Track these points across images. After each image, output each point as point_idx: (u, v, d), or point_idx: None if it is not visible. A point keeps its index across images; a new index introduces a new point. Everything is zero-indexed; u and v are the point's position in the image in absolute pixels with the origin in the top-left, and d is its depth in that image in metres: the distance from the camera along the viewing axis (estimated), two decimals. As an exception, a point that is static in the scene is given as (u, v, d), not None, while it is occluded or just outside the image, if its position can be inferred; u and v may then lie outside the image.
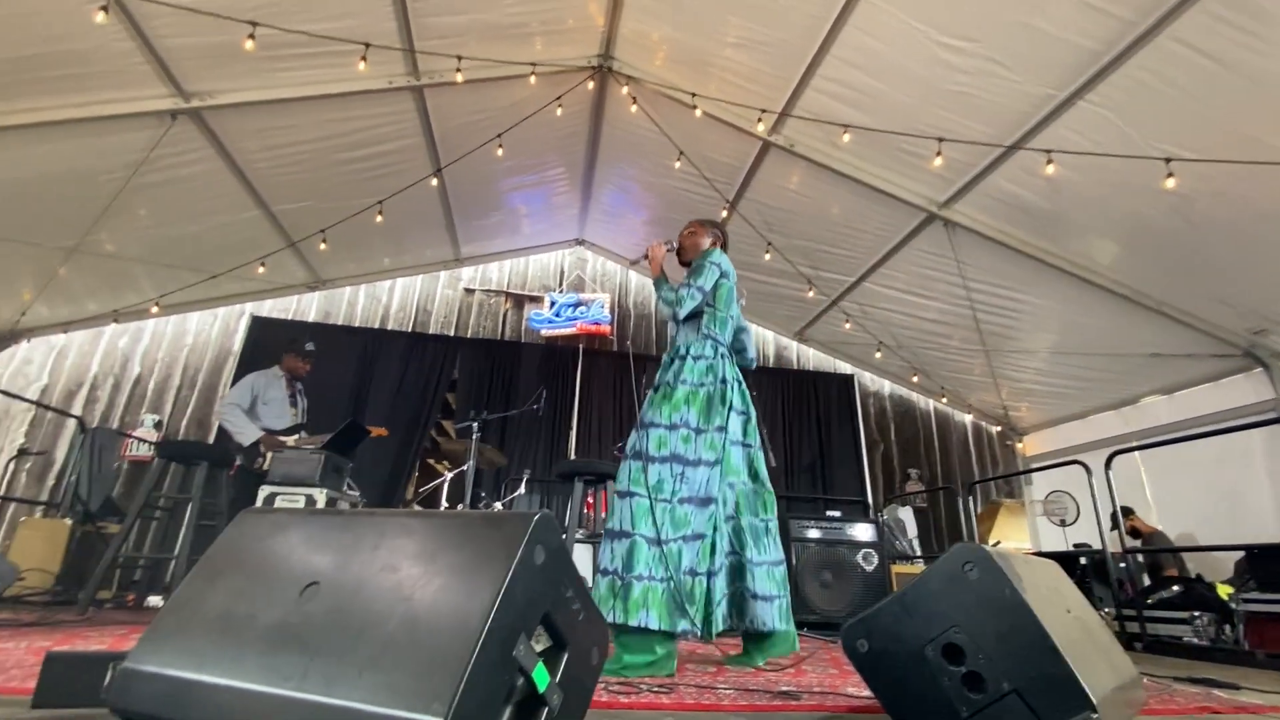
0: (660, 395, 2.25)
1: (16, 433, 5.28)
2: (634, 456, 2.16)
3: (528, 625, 0.76)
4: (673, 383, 2.25)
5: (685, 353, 2.30)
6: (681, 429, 2.15)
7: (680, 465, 2.11)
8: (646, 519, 2.03)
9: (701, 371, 2.26)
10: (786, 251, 5.57)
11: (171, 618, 0.91)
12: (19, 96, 3.48)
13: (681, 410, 2.17)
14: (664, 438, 2.14)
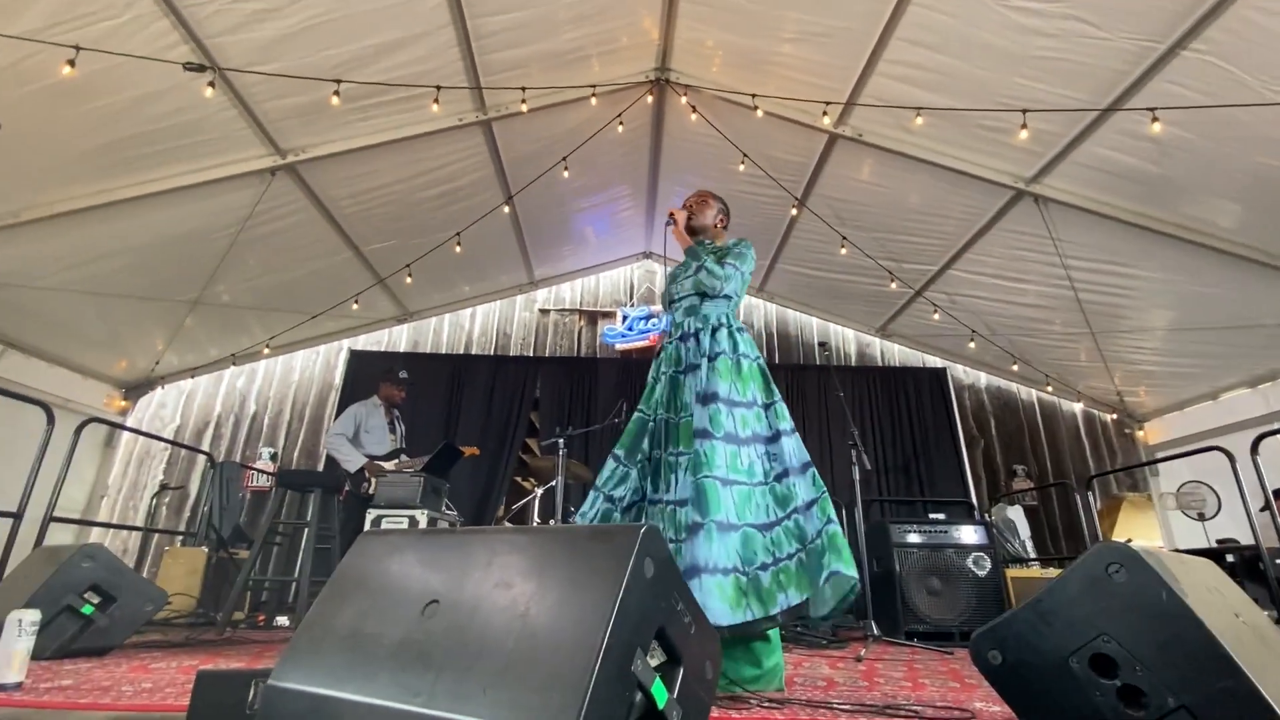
0: (724, 365, 2.13)
1: (157, 470, 5.87)
2: (735, 440, 2.01)
3: (642, 640, 0.75)
4: (730, 352, 2.18)
5: (728, 323, 2.27)
6: (756, 407, 2.11)
7: (762, 444, 2.07)
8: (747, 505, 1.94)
9: (752, 344, 2.26)
10: (863, 245, 5.37)
11: (306, 637, 0.96)
12: (145, 170, 3.90)
13: (749, 384, 2.13)
14: (746, 417, 2.07)
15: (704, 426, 2.00)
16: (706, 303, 2.30)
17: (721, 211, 2.63)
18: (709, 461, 1.93)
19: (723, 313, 2.28)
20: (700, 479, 1.91)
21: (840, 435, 5.99)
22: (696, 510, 1.87)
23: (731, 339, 2.21)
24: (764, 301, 6.93)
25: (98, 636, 2.32)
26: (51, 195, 3.80)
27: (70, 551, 2.32)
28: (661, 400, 2.23)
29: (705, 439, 1.98)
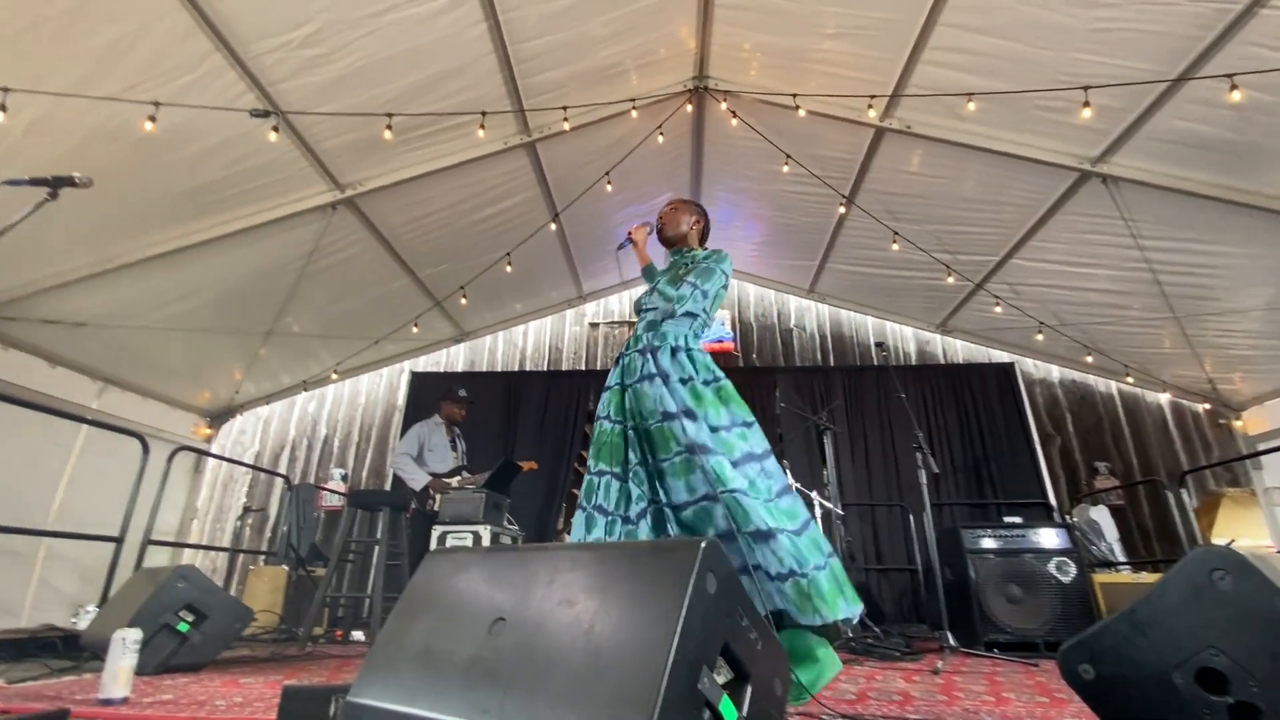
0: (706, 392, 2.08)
1: (240, 493, 6.22)
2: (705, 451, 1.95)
3: (709, 657, 0.74)
4: (696, 376, 2.11)
5: (688, 345, 2.18)
6: (738, 428, 2.04)
7: (756, 463, 1.99)
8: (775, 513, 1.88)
9: (712, 366, 2.17)
10: (917, 239, 5.20)
11: (381, 654, 1.00)
12: (220, 212, 4.18)
13: (729, 406, 2.07)
14: (732, 441, 2.01)
15: (704, 442, 1.96)
16: (668, 320, 2.23)
17: (698, 218, 2.54)
18: (721, 478, 1.89)
19: (683, 333, 2.20)
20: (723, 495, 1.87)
21: (904, 439, 5.78)
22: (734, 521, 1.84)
23: (693, 362, 2.14)
24: (815, 303, 6.79)
25: (193, 653, 2.46)
26: (139, 241, 4.11)
27: (166, 573, 2.48)
28: (631, 410, 2.17)
29: (708, 454, 1.94)
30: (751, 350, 6.66)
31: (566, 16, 3.86)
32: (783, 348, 6.65)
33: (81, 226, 3.79)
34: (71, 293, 4.18)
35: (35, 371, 4.53)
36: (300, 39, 3.40)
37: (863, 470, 5.79)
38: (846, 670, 2.53)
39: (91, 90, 3.13)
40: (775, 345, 6.69)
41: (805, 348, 6.62)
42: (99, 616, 2.72)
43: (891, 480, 5.75)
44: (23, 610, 4.37)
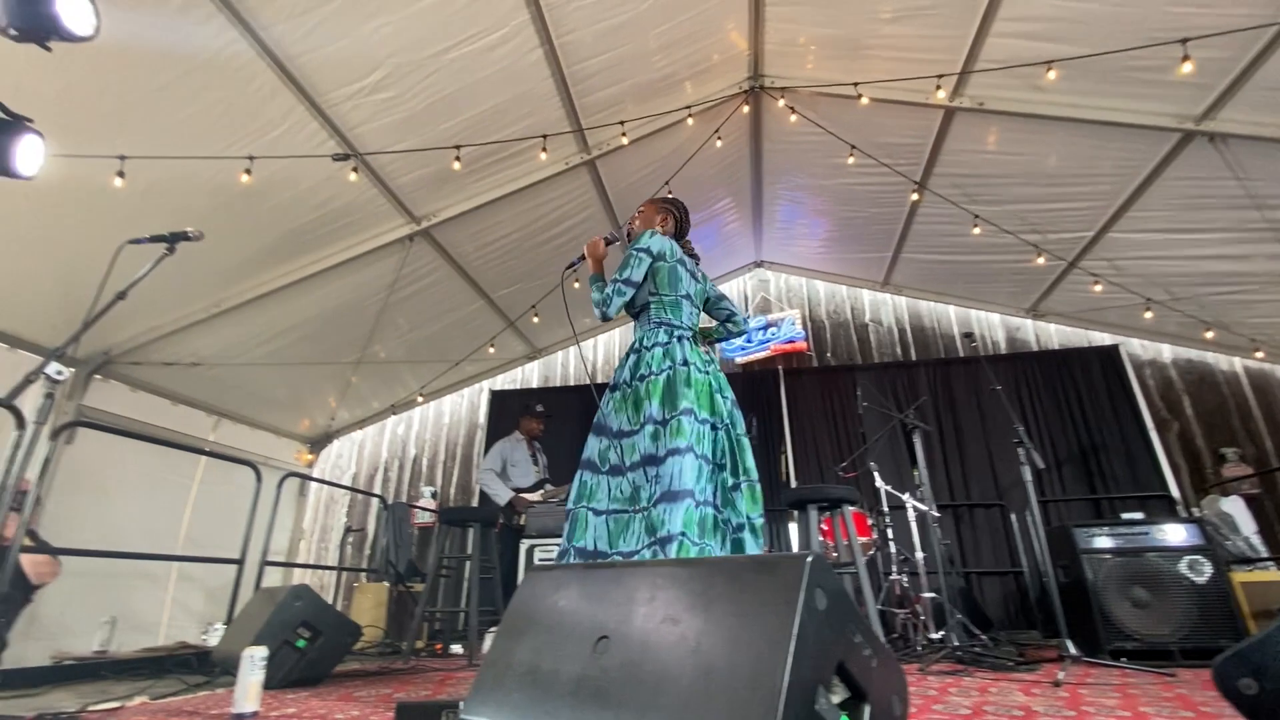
0: (620, 397, 2.12)
1: (341, 514, 6.61)
2: (586, 467, 2.09)
3: (824, 677, 0.71)
4: (630, 380, 2.11)
5: (639, 345, 2.17)
6: (649, 425, 1.98)
7: (653, 467, 1.92)
8: (583, 532, 1.93)
9: (659, 359, 2.08)
10: (999, 220, 4.91)
11: (490, 672, 1.02)
12: (309, 252, 4.48)
13: (645, 406, 2.01)
14: (635, 444, 2.01)
15: (591, 458, 2.10)
16: (637, 324, 2.28)
17: (665, 216, 2.49)
18: (587, 493, 2.04)
19: (641, 334, 2.22)
20: (577, 509, 2.02)
21: (1001, 434, 5.43)
22: (565, 538, 2.01)
23: (635, 365, 2.14)
24: (891, 296, 6.52)
25: (310, 667, 2.62)
26: (242, 285, 4.47)
27: (283, 592, 2.66)
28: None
29: (590, 470, 2.10)
30: (826, 349, 6.47)
31: (620, 34, 3.92)
32: (859, 345, 6.42)
33: (193, 276, 4.15)
34: (186, 336, 4.59)
35: (159, 409, 4.99)
36: (372, 85, 3.61)
37: (956, 469, 5.48)
38: (956, 682, 2.39)
39: (196, 151, 3.43)
40: (851, 342, 6.47)
41: (884, 343, 6.37)
42: (226, 634, 2.95)
43: (987, 478, 5.42)
44: (160, 628, 4.80)
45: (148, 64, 3.04)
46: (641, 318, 2.25)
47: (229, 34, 3.09)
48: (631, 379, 2.11)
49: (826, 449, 5.79)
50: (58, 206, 3.37)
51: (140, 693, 2.27)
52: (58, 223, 3.46)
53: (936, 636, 3.17)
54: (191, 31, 3.01)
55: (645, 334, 2.19)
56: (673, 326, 2.19)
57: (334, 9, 3.18)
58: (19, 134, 1.91)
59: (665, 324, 2.19)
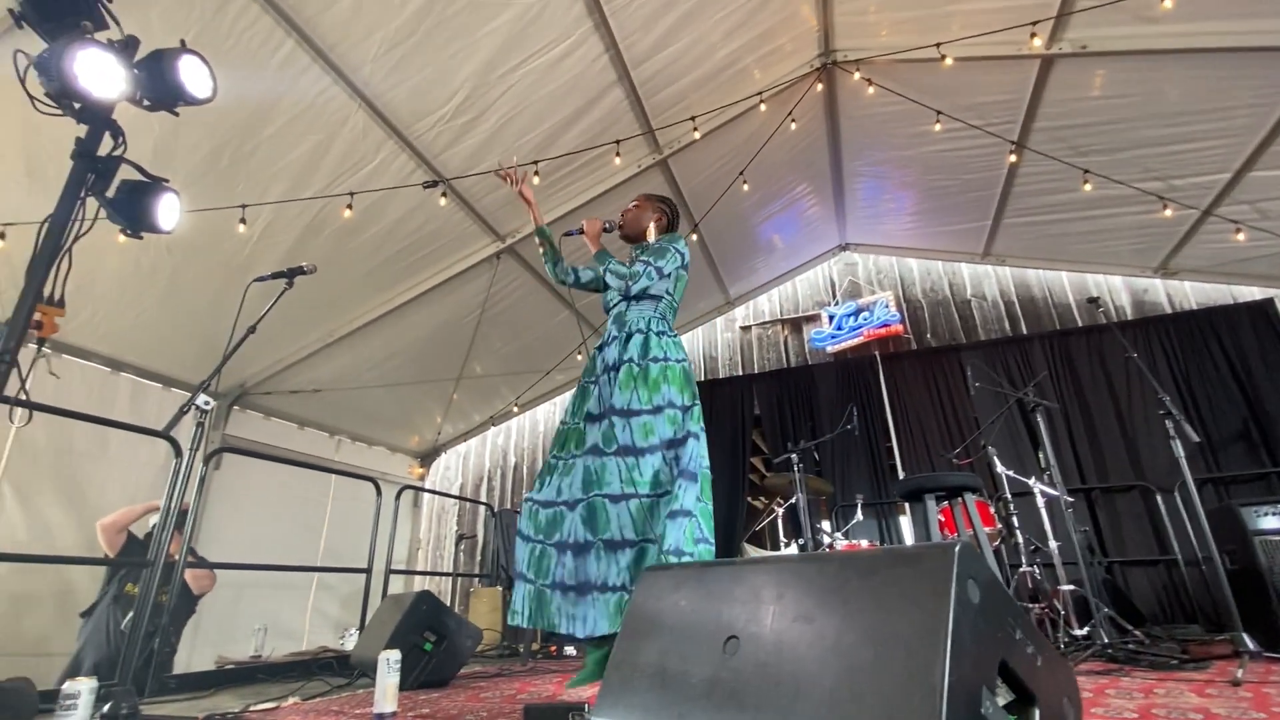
0: (627, 377, 2.07)
1: (451, 523, 6.97)
2: (624, 453, 1.99)
3: (986, 677, 0.65)
4: (640, 359, 2.09)
5: (646, 329, 2.16)
6: (668, 410, 2.02)
7: (671, 450, 1.99)
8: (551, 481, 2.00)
9: (674, 348, 2.15)
10: (1113, 172, 4.46)
11: (616, 675, 1.02)
12: (408, 277, 4.76)
13: (663, 390, 2.04)
14: (649, 423, 2.00)
15: (595, 442, 2.00)
16: (631, 308, 2.25)
17: (660, 214, 2.49)
18: (599, 479, 1.93)
19: (647, 317, 2.22)
20: (591, 497, 1.90)
21: (1141, 408, 4.90)
22: (589, 529, 1.87)
23: (645, 345, 2.13)
24: (993, 267, 6.06)
25: (437, 670, 2.76)
26: (351, 314, 4.81)
27: (409, 598, 2.82)
28: (572, 406, 2.25)
29: (596, 455, 1.97)
30: (925, 330, 6.11)
31: (682, 29, 3.89)
32: (961, 323, 6.02)
33: (308, 309, 4.51)
34: (307, 365, 5.00)
35: (289, 434, 5.47)
36: (452, 111, 3.78)
37: (1085, 449, 5.00)
38: (1112, 683, 2.16)
39: (303, 193, 3.73)
40: (952, 321, 6.07)
41: (989, 319, 5.93)
42: (361, 639, 3.16)
43: (1121, 457, 4.90)
44: (303, 634, 5.25)
45: (257, 117, 3.34)
46: (645, 304, 2.29)
47: (323, 81, 3.33)
48: (642, 358, 2.14)
49: (935, 436, 5.46)
50: (192, 256, 3.76)
51: (292, 694, 2.47)
52: (193, 270, 3.86)
53: (1081, 633, 2.89)
54: (292, 83, 3.27)
55: (652, 320, 2.26)
56: (671, 325, 2.33)
57: (414, 44, 3.36)
58: (159, 194, 2.13)
59: (669, 320, 2.32)
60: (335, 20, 3.13)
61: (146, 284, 3.83)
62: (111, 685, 2.07)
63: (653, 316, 2.26)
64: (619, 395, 2.07)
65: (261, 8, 2.93)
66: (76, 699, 1.64)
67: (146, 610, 2.21)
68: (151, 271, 3.77)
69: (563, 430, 2.24)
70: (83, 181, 1.90)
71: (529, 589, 2.05)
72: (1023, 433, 5.13)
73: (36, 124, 1.91)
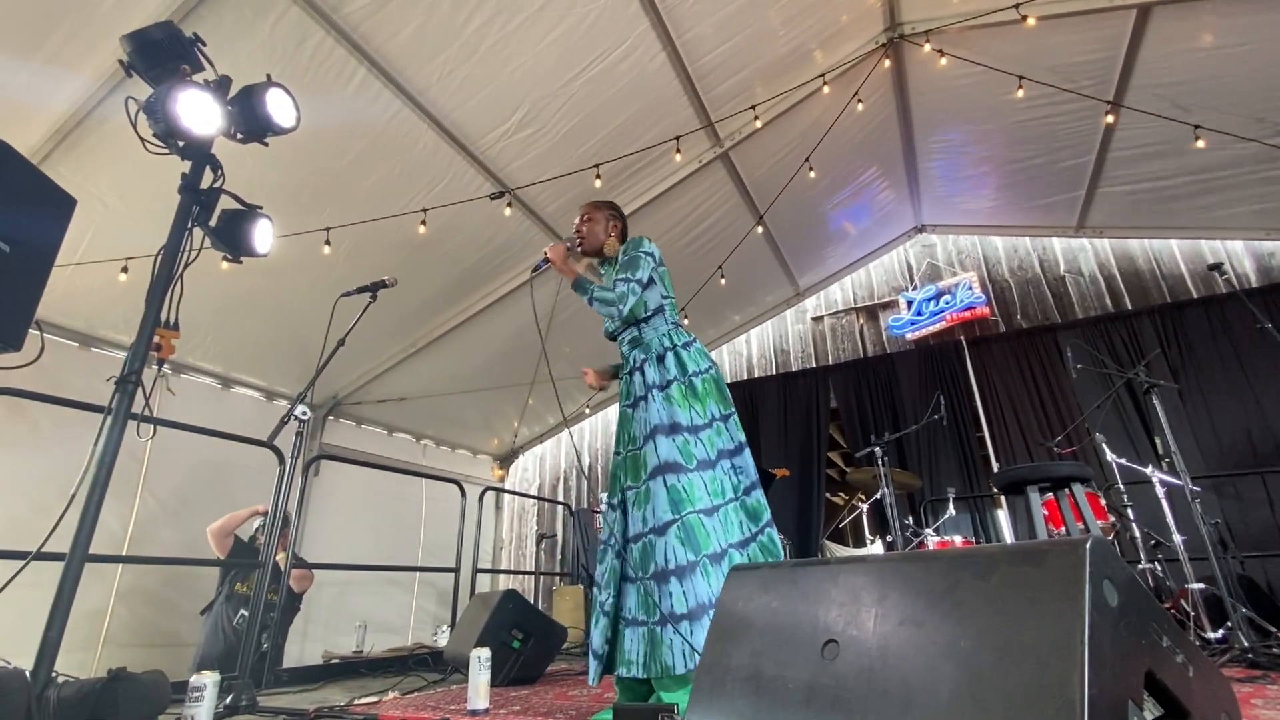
0: (680, 392, 2.04)
1: (531, 522, 7.14)
2: (709, 465, 1.96)
3: (1131, 690, 0.58)
4: (680, 376, 2.06)
5: (672, 343, 2.13)
6: (716, 422, 2.03)
7: (727, 459, 2.00)
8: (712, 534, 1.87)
9: (700, 357, 2.12)
10: (1229, 127, 4.02)
11: (707, 678, 0.99)
12: (480, 287, 4.92)
13: (706, 403, 2.04)
14: (711, 439, 1.99)
15: (674, 459, 1.93)
16: (644, 329, 2.20)
17: (612, 218, 2.39)
18: (689, 497, 1.87)
19: (663, 333, 2.17)
20: (686, 516, 1.85)
21: (1269, 385, 4.40)
22: (689, 549, 1.81)
23: (679, 362, 2.09)
24: (1090, 240, 5.61)
25: (525, 667, 2.82)
26: (430, 324, 5.01)
27: (496, 597, 2.90)
28: (619, 436, 2.18)
29: (680, 473, 1.91)
30: (1014, 312, 5.73)
31: (740, 18, 3.82)
32: (1055, 301, 5.60)
33: (390, 322, 4.73)
34: (392, 375, 5.25)
35: (379, 440, 5.78)
36: (515, 124, 3.86)
37: (1206, 433, 4.54)
38: (1258, 691, 1.94)
39: (381, 212, 3.91)
40: (1045, 299, 5.66)
41: (1087, 295, 5.49)
42: (453, 636, 3.28)
43: (1251, 439, 4.41)
44: (408, 630, 5.51)
45: (337, 144, 3.53)
46: (656, 319, 2.23)
47: (394, 105, 3.48)
48: (685, 374, 2.10)
49: (1031, 423, 5.10)
50: (285, 277, 4.03)
51: (392, 688, 2.59)
52: (286, 290, 4.13)
53: (1216, 635, 2.61)
54: (365, 109, 3.43)
55: (670, 332, 2.21)
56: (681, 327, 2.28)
57: (476, 61, 3.45)
58: (255, 220, 2.29)
59: (678, 325, 2.26)
60: (401, 46, 3.26)
61: (247, 306, 4.14)
62: (233, 678, 2.24)
63: (670, 330, 2.21)
64: (680, 413, 2.02)
65: (335, 40, 3.10)
66: (203, 691, 1.77)
67: (260, 608, 2.37)
68: (249, 294, 4.06)
69: (620, 461, 2.17)
70: (189, 213, 2.06)
71: (641, 631, 1.87)
72: (1134, 417, 4.71)
73: (151, 164, 2.08)
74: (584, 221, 2.42)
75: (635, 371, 2.18)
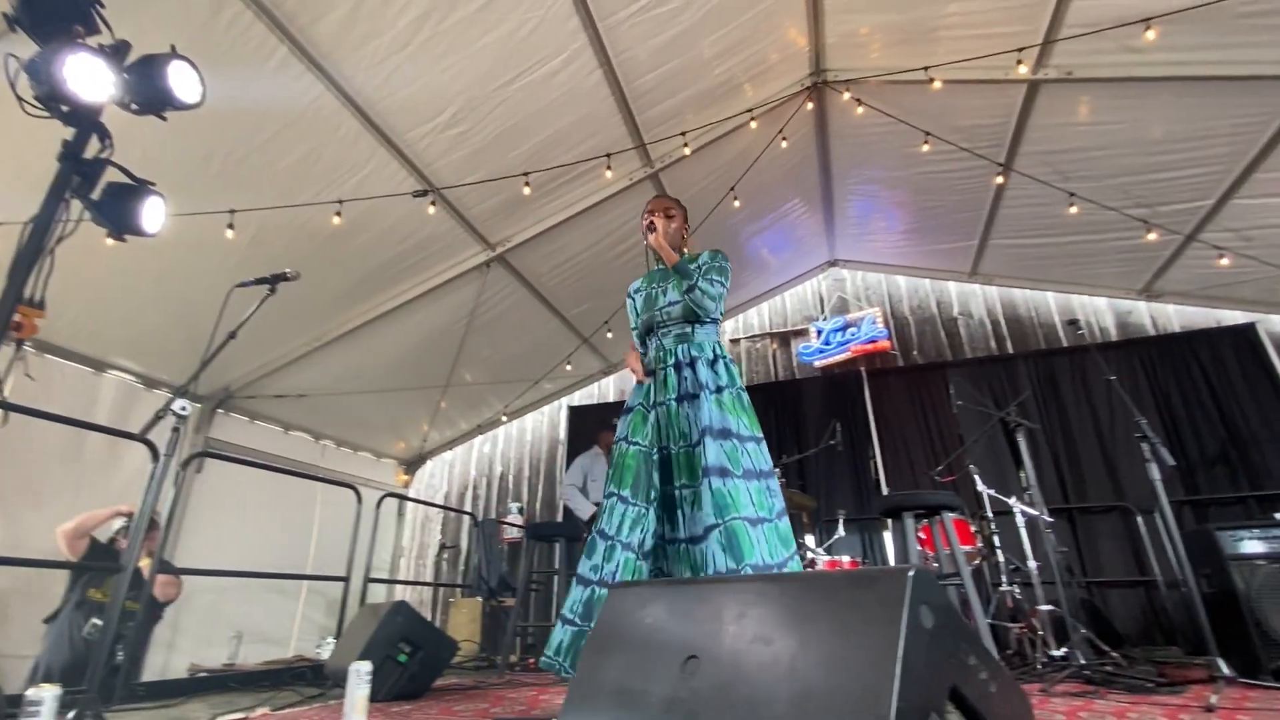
0: (730, 400, 2.05)
1: (435, 531, 6.91)
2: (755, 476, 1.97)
3: (936, 703, 0.65)
4: (731, 385, 2.09)
5: (723, 353, 2.17)
6: (760, 440, 2.06)
7: (767, 480, 2.00)
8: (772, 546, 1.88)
9: (737, 373, 2.16)
10: (1099, 197, 4.53)
11: (579, 693, 1.01)
12: (396, 284, 4.75)
13: (753, 418, 2.08)
14: (755, 452, 2.02)
15: (722, 464, 1.90)
16: (698, 330, 2.20)
17: (685, 219, 2.48)
18: (734, 502, 1.85)
19: (714, 341, 2.21)
20: (729, 521, 1.81)
21: (1123, 429, 4.95)
22: (730, 556, 1.74)
23: (729, 372, 2.12)
24: (981, 286, 6.13)
25: (411, 681, 2.73)
26: (338, 319, 4.79)
27: (385, 609, 2.80)
28: (659, 431, 2.11)
29: (726, 477, 1.88)
30: (911, 347, 6.16)
31: (675, 45, 3.93)
32: (948, 340, 6.07)
33: (295, 314, 4.49)
34: (293, 370, 4.97)
35: (274, 438, 5.43)
36: (445, 122, 3.79)
37: (1068, 469, 5.04)
38: (1086, 705, 2.17)
39: (293, 199, 3.72)
40: (939, 338, 6.12)
41: (975, 337, 5.99)
42: (336, 648, 3.13)
43: (1103, 478, 4.95)
44: (290, 641, 5.17)
45: (249, 123, 3.34)
46: (711, 326, 2.27)
47: (317, 88, 3.34)
48: (734, 384, 2.13)
49: (919, 453, 5.48)
50: (179, 259, 3.74)
51: (262, 704, 2.44)
52: (180, 274, 3.84)
53: (1059, 654, 2.90)
54: (284, 90, 3.27)
55: (717, 344, 2.24)
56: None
57: (408, 55, 3.37)
58: (144, 197, 2.13)
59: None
60: (328, 29, 3.14)
61: (132, 286, 3.81)
62: (78, 692, 2.04)
63: (719, 341, 2.25)
64: (731, 419, 2.00)
65: (255, 14, 2.94)
66: (40, 705, 1.61)
67: (114, 617, 2.18)
68: (137, 274, 3.75)
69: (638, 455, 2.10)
70: (68, 183, 1.89)
71: None
72: (1005, 452, 5.16)
73: (28, 127, 1.90)
74: (668, 218, 2.42)
75: (684, 367, 2.14)
